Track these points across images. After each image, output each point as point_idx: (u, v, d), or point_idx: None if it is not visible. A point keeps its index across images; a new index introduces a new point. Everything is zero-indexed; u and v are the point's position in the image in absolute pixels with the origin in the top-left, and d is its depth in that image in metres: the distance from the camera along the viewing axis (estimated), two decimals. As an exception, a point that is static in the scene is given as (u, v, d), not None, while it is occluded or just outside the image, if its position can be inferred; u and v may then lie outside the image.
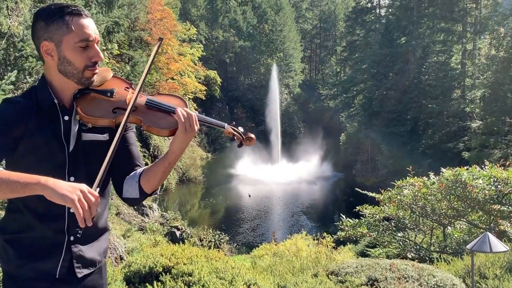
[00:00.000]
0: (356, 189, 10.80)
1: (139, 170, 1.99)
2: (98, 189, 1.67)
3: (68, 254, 1.85)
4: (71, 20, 1.80)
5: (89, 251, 1.92)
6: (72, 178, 1.84)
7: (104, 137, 1.93)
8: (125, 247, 13.06)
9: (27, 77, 7.36)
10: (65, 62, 1.82)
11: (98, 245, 1.97)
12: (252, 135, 1.98)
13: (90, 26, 1.84)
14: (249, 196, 33.17)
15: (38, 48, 1.86)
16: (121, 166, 1.98)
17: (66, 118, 1.85)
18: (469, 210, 8.38)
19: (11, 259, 1.82)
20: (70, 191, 1.56)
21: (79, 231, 1.69)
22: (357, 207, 9.54)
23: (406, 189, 8.85)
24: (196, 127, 1.88)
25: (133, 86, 1.98)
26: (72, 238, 1.86)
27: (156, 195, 29.78)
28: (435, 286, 5.77)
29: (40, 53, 1.86)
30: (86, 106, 1.85)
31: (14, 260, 1.82)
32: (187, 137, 1.87)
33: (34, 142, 1.77)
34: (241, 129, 1.99)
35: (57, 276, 1.84)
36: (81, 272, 1.89)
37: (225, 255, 9.57)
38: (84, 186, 1.60)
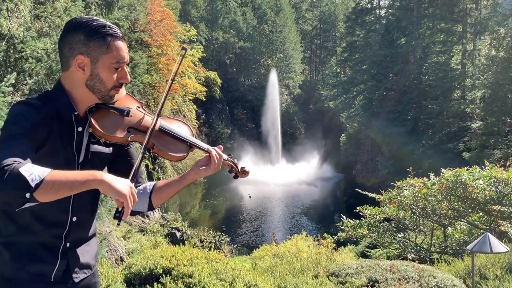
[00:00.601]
0: (357, 189, 10.79)
1: (148, 186, 2.08)
2: (133, 183, 1.77)
3: (64, 259, 1.88)
4: (112, 41, 1.84)
5: (83, 256, 1.96)
6: None
7: (109, 150, 1.99)
8: (125, 249, 13.05)
9: (27, 78, 7.36)
10: (96, 79, 1.85)
11: (90, 250, 2.02)
12: (247, 169, 2.13)
13: (125, 49, 1.90)
14: (250, 197, 33.17)
15: (66, 57, 1.86)
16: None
17: (80, 129, 1.88)
18: (470, 210, 8.38)
19: (7, 261, 1.83)
20: (124, 187, 1.64)
21: (118, 223, 1.78)
22: (358, 208, 9.52)
23: (406, 189, 8.85)
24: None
25: (143, 106, 2.05)
26: (68, 244, 1.90)
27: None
28: (436, 287, 5.76)
29: (66, 61, 1.86)
30: (102, 121, 1.89)
31: (9, 263, 1.82)
32: (212, 173, 2.05)
33: (52, 149, 1.79)
34: (236, 161, 2.15)
35: (52, 280, 1.86)
36: (78, 277, 1.93)
37: (226, 256, 9.55)
38: (130, 183, 1.70)
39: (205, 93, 41.25)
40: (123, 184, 1.64)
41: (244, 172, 2.12)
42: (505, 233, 7.76)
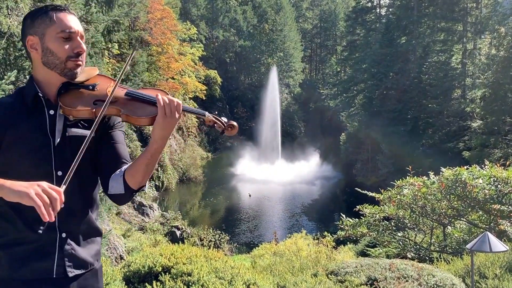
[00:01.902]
0: (356, 188, 10.79)
1: (125, 166, 1.96)
2: (64, 186, 1.63)
3: (61, 252, 1.85)
4: (54, 14, 1.89)
5: (81, 251, 1.91)
6: (59, 173, 1.84)
7: (87, 132, 1.94)
8: (125, 247, 13.07)
9: (27, 76, 7.36)
10: (48, 53, 1.88)
11: (90, 247, 1.96)
12: (234, 123, 1.95)
13: (72, 20, 1.92)
14: (250, 196, 33.17)
15: (25, 46, 1.93)
16: (106, 164, 1.97)
17: (51, 112, 1.88)
18: (469, 209, 8.38)
19: (2, 263, 1.80)
20: (26, 187, 1.55)
21: (41, 228, 1.70)
22: (357, 207, 9.54)
23: (406, 188, 8.86)
24: (177, 114, 1.84)
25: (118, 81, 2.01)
26: (64, 235, 1.86)
27: (156, 195, 29.66)
28: (435, 285, 5.76)
29: (27, 50, 1.92)
30: (68, 99, 1.89)
31: (6, 264, 1.80)
32: (167, 124, 1.83)
33: (18, 138, 1.79)
34: (224, 119, 1.96)
35: (54, 276, 1.82)
36: (72, 272, 1.87)
37: (226, 254, 9.56)
38: (44, 183, 1.58)
39: (205, 91, 41.27)
40: (27, 185, 1.55)
41: (231, 126, 1.94)
42: (504, 232, 7.76)
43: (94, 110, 1.86)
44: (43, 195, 1.54)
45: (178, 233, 18.72)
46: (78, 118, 1.90)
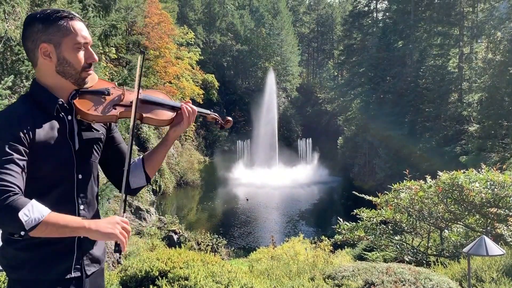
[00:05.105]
0: (354, 192, 10.79)
1: (137, 160, 2.14)
2: (125, 214, 1.87)
3: (79, 251, 1.94)
4: (69, 22, 1.87)
5: (94, 248, 2.02)
6: (80, 176, 1.92)
7: (100, 134, 2.04)
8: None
9: (24, 80, 7.36)
10: (64, 63, 1.88)
11: (99, 244, 2.07)
12: (229, 118, 2.33)
13: (84, 29, 1.93)
14: (247, 200, 33.15)
15: (31, 50, 1.89)
16: (114, 165, 2.11)
17: (69, 118, 1.92)
18: (466, 213, 8.39)
19: (25, 265, 1.85)
20: (112, 228, 1.73)
21: (120, 256, 1.87)
22: (355, 211, 9.53)
23: (403, 192, 8.85)
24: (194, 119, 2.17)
25: (116, 86, 2.11)
26: (81, 236, 1.92)
27: (153, 199, 29.55)
28: (432, 289, 5.76)
29: (33, 56, 1.89)
30: (87, 105, 1.94)
31: (28, 266, 1.85)
32: (187, 126, 2.15)
33: (42, 144, 1.81)
34: (216, 114, 2.32)
35: (72, 275, 1.91)
36: (90, 270, 1.99)
37: (223, 259, 9.55)
38: (117, 218, 1.77)
39: (202, 96, 41.28)
40: (110, 225, 1.73)
41: (227, 121, 2.31)
42: (501, 235, 7.76)
43: (117, 114, 1.98)
44: (123, 232, 1.76)
45: (175, 237, 18.69)
46: (100, 122, 2.00)
